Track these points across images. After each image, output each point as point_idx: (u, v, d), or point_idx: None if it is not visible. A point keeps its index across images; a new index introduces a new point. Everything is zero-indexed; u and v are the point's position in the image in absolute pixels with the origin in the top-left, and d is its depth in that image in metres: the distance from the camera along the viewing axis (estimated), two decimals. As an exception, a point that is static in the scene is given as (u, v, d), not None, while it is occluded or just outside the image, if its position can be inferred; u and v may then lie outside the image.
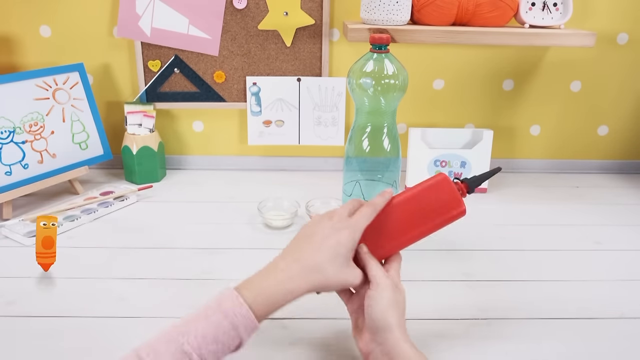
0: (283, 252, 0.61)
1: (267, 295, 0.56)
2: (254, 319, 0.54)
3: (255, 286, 0.56)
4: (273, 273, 0.58)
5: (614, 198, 1.17)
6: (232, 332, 0.53)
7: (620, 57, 1.22)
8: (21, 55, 1.19)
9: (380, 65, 0.83)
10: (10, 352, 0.65)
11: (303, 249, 0.59)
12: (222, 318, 0.53)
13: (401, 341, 0.58)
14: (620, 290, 0.81)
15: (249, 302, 0.54)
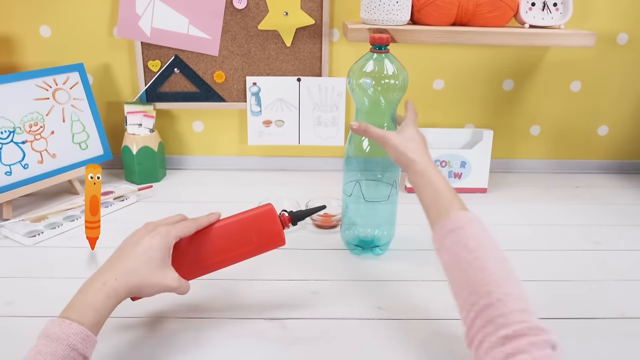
0: (102, 266, 0.63)
1: (92, 307, 0.56)
2: (88, 332, 0.54)
3: (76, 304, 0.57)
4: (90, 287, 0.59)
5: (614, 198, 1.17)
6: (72, 353, 0.52)
7: (620, 57, 1.22)
8: (21, 55, 1.19)
9: (380, 65, 0.83)
10: (10, 352, 0.65)
11: (115, 261, 0.62)
12: (57, 345, 0.52)
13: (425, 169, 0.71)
14: (620, 290, 0.81)
15: (76, 319, 0.55)
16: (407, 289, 0.80)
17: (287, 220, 0.74)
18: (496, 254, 0.59)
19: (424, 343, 0.68)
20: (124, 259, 0.62)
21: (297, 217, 0.75)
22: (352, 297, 0.78)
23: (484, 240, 0.60)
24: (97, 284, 0.59)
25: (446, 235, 0.62)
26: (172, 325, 0.70)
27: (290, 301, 0.76)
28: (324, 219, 0.99)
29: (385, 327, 0.71)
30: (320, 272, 0.84)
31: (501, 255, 0.59)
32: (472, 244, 0.59)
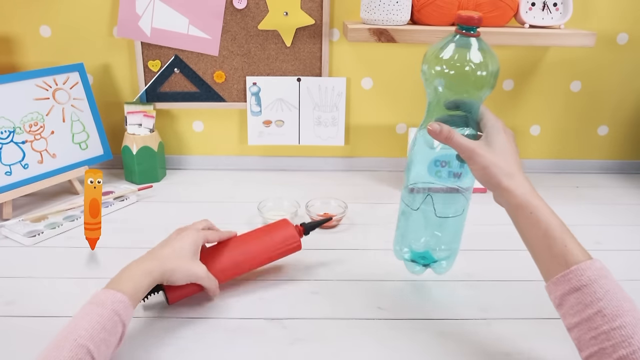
0: (147, 252, 0.72)
1: (131, 281, 0.64)
2: (129, 301, 0.61)
3: (118, 279, 0.65)
4: (131, 266, 0.68)
5: (614, 198, 1.17)
6: (115, 318, 0.59)
7: (620, 57, 1.22)
8: (21, 55, 1.19)
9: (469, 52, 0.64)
10: (10, 352, 0.65)
11: (154, 251, 0.72)
12: (102, 309, 0.59)
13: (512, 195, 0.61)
14: (620, 290, 0.81)
15: (118, 290, 0.62)
16: (407, 289, 0.80)
17: (302, 230, 0.83)
18: (635, 315, 0.51)
19: (424, 343, 0.68)
20: (161, 249, 0.72)
21: (308, 227, 0.84)
22: (352, 297, 0.78)
23: (620, 301, 0.52)
24: (136, 264, 0.68)
25: (569, 294, 0.54)
26: (172, 325, 0.70)
27: (290, 301, 0.76)
28: (324, 219, 0.99)
29: (385, 327, 0.71)
30: (320, 272, 0.84)
31: (638, 314, 0.52)
32: (607, 308, 0.51)
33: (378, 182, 1.23)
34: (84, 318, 0.57)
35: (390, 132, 1.28)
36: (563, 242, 0.56)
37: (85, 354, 0.54)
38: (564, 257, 0.55)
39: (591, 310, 0.52)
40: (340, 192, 1.12)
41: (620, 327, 0.50)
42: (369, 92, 1.24)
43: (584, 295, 0.53)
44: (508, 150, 0.62)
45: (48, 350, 0.54)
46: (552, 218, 0.58)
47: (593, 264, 0.55)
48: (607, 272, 0.55)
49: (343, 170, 1.30)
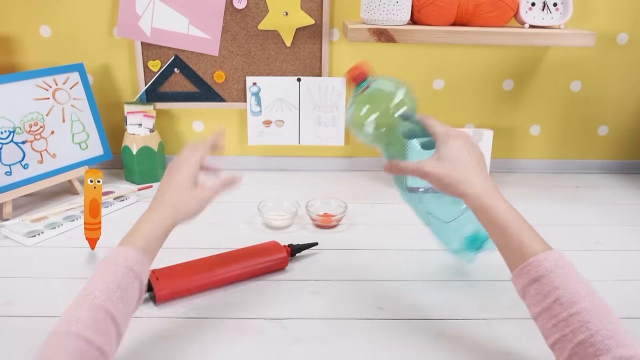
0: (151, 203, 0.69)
1: (140, 235, 0.63)
2: (143, 256, 0.60)
3: (128, 236, 0.63)
4: (144, 220, 0.66)
5: (614, 198, 1.17)
6: (130, 274, 0.58)
7: (620, 57, 1.22)
8: (21, 55, 1.19)
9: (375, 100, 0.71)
10: (10, 352, 0.65)
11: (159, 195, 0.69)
12: (116, 266, 0.58)
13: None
14: (620, 290, 0.81)
15: (132, 245, 0.61)
16: (407, 289, 0.80)
17: (289, 250, 0.85)
18: (592, 300, 0.54)
19: (424, 343, 0.68)
20: (163, 193, 0.69)
21: (295, 249, 0.87)
22: (352, 297, 0.78)
23: (576, 287, 0.54)
24: (146, 216, 0.66)
25: (529, 285, 0.57)
26: (172, 325, 0.70)
27: (290, 301, 0.76)
28: (324, 219, 0.99)
29: (385, 327, 0.71)
30: (320, 272, 0.84)
31: (595, 298, 0.54)
32: (564, 296, 0.54)
33: (378, 182, 1.23)
34: (98, 279, 0.57)
35: (390, 132, 1.28)
36: (519, 238, 0.59)
37: (105, 314, 0.54)
38: (520, 251, 0.59)
39: (549, 299, 0.55)
40: (340, 192, 1.12)
41: (578, 313, 0.52)
42: (369, 92, 1.24)
43: (542, 285, 0.56)
44: (458, 157, 0.65)
45: (67, 313, 0.54)
46: (509, 215, 0.61)
47: (550, 255, 0.57)
48: (565, 261, 0.57)
49: (343, 170, 1.30)
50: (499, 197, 0.64)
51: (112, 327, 0.54)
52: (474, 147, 0.68)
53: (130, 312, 0.58)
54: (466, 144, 0.67)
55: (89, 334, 0.52)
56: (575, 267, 0.57)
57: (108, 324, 0.54)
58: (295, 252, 0.87)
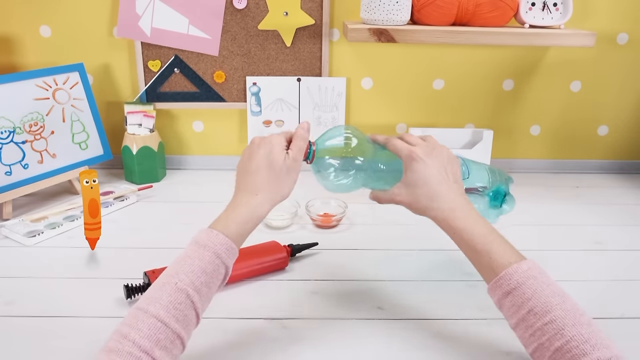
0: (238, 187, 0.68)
1: (235, 221, 0.63)
2: (232, 244, 0.60)
3: (222, 219, 0.63)
4: (235, 204, 0.65)
5: (614, 198, 1.17)
6: (217, 260, 0.59)
7: (620, 57, 1.22)
8: (21, 55, 1.19)
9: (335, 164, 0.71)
10: (10, 352, 0.65)
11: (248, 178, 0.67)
12: (204, 251, 0.58)
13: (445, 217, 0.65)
14: (620, 290, 0.81)
15: (222, 231, 0.61)
16: (407, 289, 0.80)
17: (289, 250, 0.85)
18: (564, 307, 0.55)
19: (424, 343, 0.68)
20: (254, 177, 0.66)
21: (295, 249, 0.86)
22: (352, 297, 0.78)
23: (548, 296, 0.56)
24: (241, 201, 0.65)
25: (503, 298, 0.59)
26: (172, 325, 0.70)
27: (290, 301, 0.76)
28: (324, 219, 0.99)
29: (385, 327, 0.71)
30: (320, 272, 0.84)
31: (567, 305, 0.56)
32: (537, 307, 0.55)
33: (378, 182, 1.22)
34: (185, 261, 0.58)
35: (390, 132, 1.28)
36: (488, 254, 0.61)
37: (185, 298, 0.55)
38: (490, 267, 0.60)
39: (524, 310, 0.56)
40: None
41: (552, 322, 0.54)
42: (369, 92, 1.24)
43: (515, 297, 0.57)
44: (423, 181, 0.65)
45: (151, 290, 0.56)
46: (477, 232, 0.63)
47: (520, 267, 0.58)
48: (536, 271, 0.58)
49: (343, 170, 1.30)
50: (466, 214, 0.64)
51: (191, 311, 0.55)
52: (439, 161, 0.67)
53: (211, 296, 0.59)
54: (431, 163, 0.66)
55: (167, 316, 0.53)
56: (547, 275, 0.59)
57: (187, 308, 0.55)
58: (295, 252, 0.87)
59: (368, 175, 0.72)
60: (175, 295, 0.54)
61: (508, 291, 0.58)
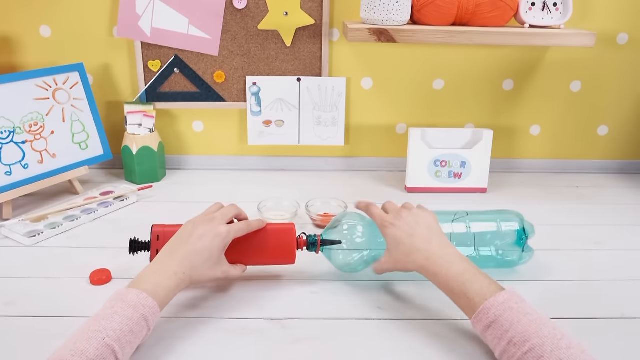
0: (168, 251, 0.71)
1: (164, 290, 0.66)
2: (159, 309, 0.64)
3: (150, 282, 0.65)
4: (164, 272, 0.68)
5: (614, 198, 1.17)
6: (143, 323, 0.61)
7: (620, 57, 1.22)
8: (21, 55, 1.19)
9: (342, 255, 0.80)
10: (10, 352, 0.65)
11: (181, 251, 0.70)
12: (133, 312, 0.60)
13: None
14: (620, 290, 0.81)
15: (151, 295, 0.63)
16: (407, 289, 0.80)
17: (303, 244, 0.80)
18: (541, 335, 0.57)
19: (424, 343, 0.68)
20: (189, 253, 0.70)
21: (311, 244, 0.80)
22: (352, 297, 0.78)
23: (525, 326, 0.58)
24: (169, 271, 0.68)
25: (485, 331, 0.62)
26: (172, 325, 0.70)
27: (290, 301, 0.76)
28: (323, 219, 0.99)
29: (385, 327, 0.71)
30: (320, 272, 0.84)
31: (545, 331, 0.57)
32: (515, 337, 0.58)
33: (378, 182, 1.23)
34: (113, 318, 0.59)
35: (390, 132, 1.28)
36: (465, 295, 0.65)
37: (111, 354, 0.56)
38: (469, 306, 0.64)
39: (504, 341, 0.59)
40: (340, 192, 1.12)
41: (531, 350, 0.56)
42: (369, 92, 1.24)
43: (495, 330, 0.60)
44: (396, 241, 0.73)
45: (74, 342, 0.55)
46: (450, 273, 0.67)
47: (497, 299, 0.62)
48: (513, 302, 0.61)
49: (343, 170, 1.30)
50: (440, 259, 0.69)
51: None
52: (410, 219, 0.73)
53: (129, 356, 0.60)
54: (400, 224, 0.73)
55: None
56: (526, 303, 0.62)
57: None
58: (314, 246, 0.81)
59: (372, 252, 0.79)
60: (102, 350, 0.55)
61: (487, 325, 0.61)
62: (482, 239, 0.81)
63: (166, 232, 0.76)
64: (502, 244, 0.81)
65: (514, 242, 0.81)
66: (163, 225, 0.78)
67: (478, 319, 0.62)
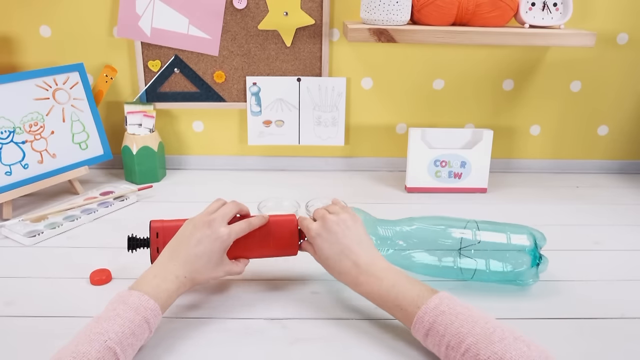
0: (168, 253, 0.70)
1: (166, 293, 0.66)
2: (160, 312, 0.64)
3: (151, 285, 0.65)
4: (166, 275, 0.68)
5: (614, 198, 1.17)
6: (145, 325, 0.61)
7: (620, 57, 1.22)
8: (21, 55, 1.19)
9: None
10: (10, 352, 0.65)
11: (182, 253, 0.70)
12: (135, 314, 0.60)
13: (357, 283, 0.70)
14: (620, 290, 0.81)
15: (153, 298, 0.63)
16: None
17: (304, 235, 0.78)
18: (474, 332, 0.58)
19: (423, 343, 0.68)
20: (189, 256, 0.70)
21: None
22: (352, 297, 0.78)
23: (458, 327, 0.59)
24: (171, 275, 0.68)
25: (424, 339, 0.63)
26: (172, 325, 0.70)
27: (290, 301, 0.76)
28: (324, 219, 0.99)
29: (385, 327, 0.71)
30: (320, 272, 0.84)
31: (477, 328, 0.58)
32: (452, 341, 0.59)
33: (378, 182, 1.23)
34: (115, 320, 0.59)
35: (390, 132, 1.28)
36: (398, 306, 0.65)
37: (112, 357, 0.56)
38: (404, 316, 0.65)
39: (443, 347, 0.60)
40: (340, 192, 1.12)
41: (467, 350, 0.57)
42: (369, 92, 1.24)
43: (433, 337, 0.61)
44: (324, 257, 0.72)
45: (76, 344, 0.55)
46: (382, 289, 0.67)
47: (428, 305, 0.62)
48: (445, 305, 0.61)
49: (343, 170, 1.30)
50: (371, 277, 0.68)
51: None
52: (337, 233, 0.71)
53: (131, 358, 0.60)
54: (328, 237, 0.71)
55: None
56: (458, 303, 0.62)
57: None
58: None
59: None
60: (103, 352, 0.55)
61: (425, 333, 0.62)
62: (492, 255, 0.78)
63: (165, 228, 0.75)
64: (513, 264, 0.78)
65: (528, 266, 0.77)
66: (162, 221, 0.76)
67: (416, 329, 0.63)
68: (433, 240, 0.78)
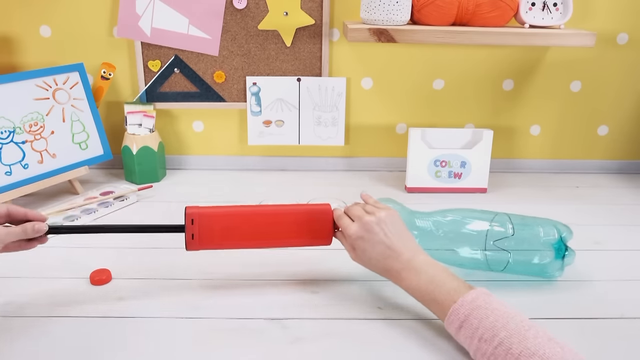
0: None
1: None
2: None
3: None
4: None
5: (614, 198, 1.17)
6: None
7: (620, 57, 1.22)
8: (21, 55, 1.19)
9: None
10: (10, 352, 0.65)
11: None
12: None
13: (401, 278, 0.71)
14: (620, 290, 0.81)
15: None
16: (407, 289, 0.80)
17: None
18: (508, 327, 0.58)
19: (424, 343, 0.68)
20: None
21: None
22: (352, 297, 0.78)
23: (493, 322, 0.60)
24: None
25: (457, 332, 0.63)
26: (172, 325, 0.70)
27: (290, 301, 0.76)
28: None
29: (385, 327, 0.71)
30: (320, 272, 0.84)
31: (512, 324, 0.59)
32: (485, 334, 0.59)
33: (378, 182, 1.23)
34: None
35: (390, 132, 1.28)
36: (434, 300, 0.66)
37: None
38: (439, 310, 0.66)
39: (475, 339, 0.60)
40: (340, 192, 1.12)
41: (500, 344, 0.58)
42: (369, 92, 1.24)
43: (466, 329, 0.62)
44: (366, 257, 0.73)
45: None
46: (418, 284, 0.68)
47: (465, 299, 0.63)
48: (481, 300, 0.62)
49: (343, 170, 1.30)
50: (411, 272, 0.69)
51: None
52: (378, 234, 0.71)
53: None
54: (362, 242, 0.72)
55: None
56: (495, 300, 0.63)
57: None
58: None
59: None
60: None
61: (459, 325, 0.62)
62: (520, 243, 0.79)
63: (202, 215, 0.74)
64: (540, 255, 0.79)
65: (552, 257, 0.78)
66: (197, 207, 0.75)
67: (450, 321, 0.63)
68: (467, 232, 0.80)
